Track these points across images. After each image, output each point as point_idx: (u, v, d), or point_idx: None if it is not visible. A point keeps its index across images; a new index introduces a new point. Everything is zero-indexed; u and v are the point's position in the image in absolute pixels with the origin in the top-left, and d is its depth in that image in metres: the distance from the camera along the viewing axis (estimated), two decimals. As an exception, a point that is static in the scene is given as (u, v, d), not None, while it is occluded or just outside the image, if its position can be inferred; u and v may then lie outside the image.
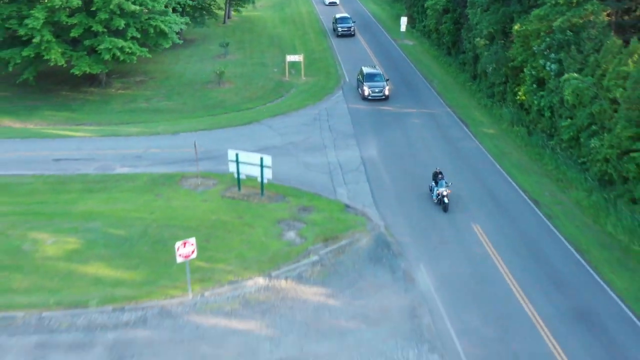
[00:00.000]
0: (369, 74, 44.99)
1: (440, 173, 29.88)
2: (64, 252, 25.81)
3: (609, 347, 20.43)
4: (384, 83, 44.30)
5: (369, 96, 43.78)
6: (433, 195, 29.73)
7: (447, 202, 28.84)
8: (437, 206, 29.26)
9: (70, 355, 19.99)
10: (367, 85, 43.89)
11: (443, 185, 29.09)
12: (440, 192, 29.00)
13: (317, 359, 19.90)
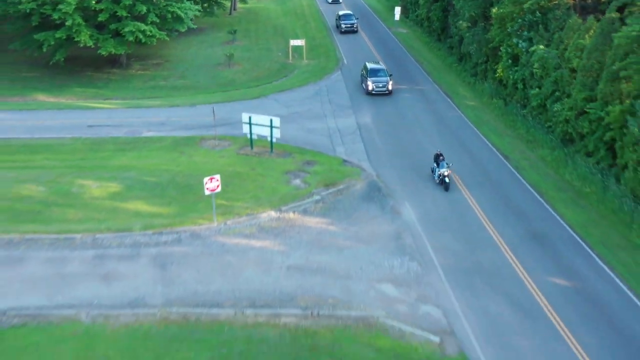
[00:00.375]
0: (372, 70, 45.68)
1: (441, 155, 31.56)
2: (107, 194, 30.58)
3: (555, 258, 25.23)
4: (387, 78, 44.89)
5: (373, 91, 44.52)
6: (435, 176, 31.39)
7: (448, 182, 30.51)
8: (439, 186, 31.07)
9: (122, 263, 24.77)
10: (371, 81, 44.57)
11: (444, 167, 30.71)
12: (441, 172, 30.61)
13: (319, 266, 24.67)
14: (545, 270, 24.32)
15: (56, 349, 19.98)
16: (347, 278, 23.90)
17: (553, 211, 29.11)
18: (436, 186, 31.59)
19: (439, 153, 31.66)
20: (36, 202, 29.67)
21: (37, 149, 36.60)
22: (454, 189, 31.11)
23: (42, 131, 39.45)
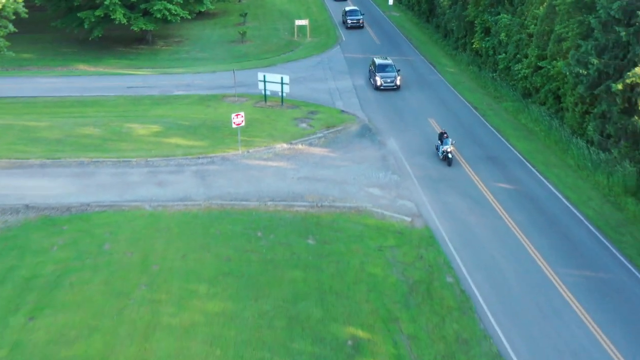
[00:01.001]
0: (380, 65, 45.64)
1: (445, 133, 33.16)
2: (151, 132, 37.73)
3: (504, 172, 32.32)
4: (395, 73, 44.86)
5: (382, 86, 44.56)
6: (439, 153, 33.07)
7: (451, 158, 32.38)
8: (442, 162, 33.09)
9: (171, 176, 31.93)
10: (380, 76, 44.63)
11: (448, 144, 32.37)
12: (445, 149, 32.31)
13: (322, 177, 31.82)
14: (495, 179, 31.47)
15: (130, 223, 27.16)
16: (344, 184, 31.07)
17: (508, 143, 36.26)
18: (417, 126, 38.70)
19: (443, 131, 33.46)
20: (95, 138, 36.83)
21: (87, 104, 43.73)
22: (431, 129, 38.21)
23: (89, 91, 46.56)
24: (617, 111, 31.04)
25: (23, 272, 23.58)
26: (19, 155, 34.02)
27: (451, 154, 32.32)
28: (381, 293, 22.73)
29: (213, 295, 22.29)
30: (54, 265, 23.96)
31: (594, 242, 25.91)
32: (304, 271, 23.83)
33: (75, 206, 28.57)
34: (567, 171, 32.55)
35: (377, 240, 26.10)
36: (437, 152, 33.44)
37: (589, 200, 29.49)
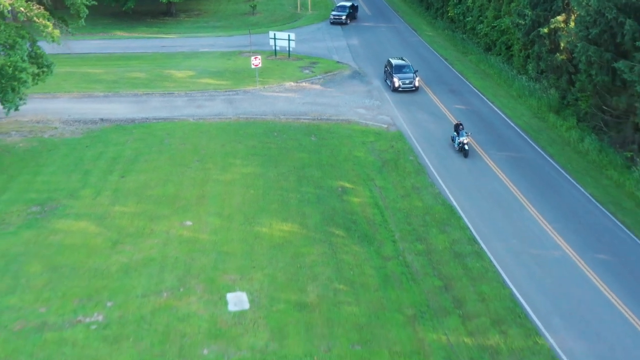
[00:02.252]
0: (397, 66, 43.13)
1: (460, 124, 32.42)
2: (187, 76, 46.87)
3: (461, 99, 41.47)
4: (413, 74, 42.44)
5: (400, 88, 41.96)
6: (455, 144, 32.38)
7: (467, 149, 31.61)
8: (458, 153, 32.50)
9: (206, 102, 41.09)
10: (397, 77, 42.06)
11: (464, 135, 31.64)
12: (461, 140, 31.58)
13: (322, 102, 40.97)
14: (453, 103, 40.68)
15: (181, 128, 36.36)
16: (338, 107, 40.31)
17: (467, 82, 45.43)
18: (396, 71, 47.75)
19: (459, 123, 32.63)
20: (143, 80, 45.99)
21: (131, 58, 52.79)
22: (407, 72, 47.30)
23: (130, 49, 55.64)
24: (545, 51, 40.14)
25: (110, 154, 32.86)
26: (86, 90, 43.24)
27: (467, 145, 31.58)
28: (362, 166, 32.03)
29: (245, 165, 31.60)
30: (131, 151, 33.25)
31: (520, 139, 35.15)
32: (308, 154, 33.12)
33: (138, 119, 37.85)
34: (509, 99, 41.74)
35: (361, 138, 35.39)
36: (453, 143, 32.78)
37: (521, 116, 38.71)
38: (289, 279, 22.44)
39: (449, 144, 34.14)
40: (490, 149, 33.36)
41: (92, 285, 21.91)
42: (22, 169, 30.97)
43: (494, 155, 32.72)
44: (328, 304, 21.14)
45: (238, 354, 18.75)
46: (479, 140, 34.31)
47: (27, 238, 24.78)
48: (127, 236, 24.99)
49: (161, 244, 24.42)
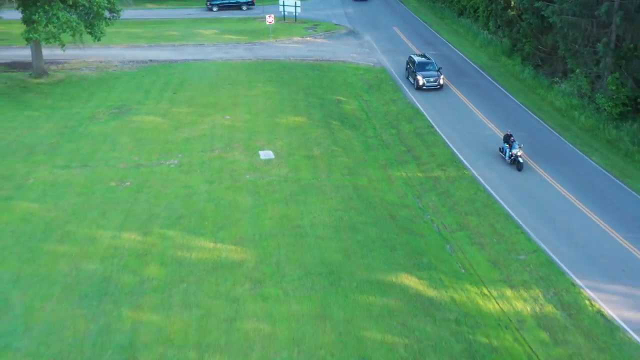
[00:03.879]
0: (420, 63, 41.06)
1: (511, 135, 29.84)
2: (212, 33, 56.21)
3: (432, 47, 50.88)
4: (437, 72, 40.40)
5: (424, 86, 40.00)
6: (506, 157, 29.65)
7: (522, 162, 28.94)
8: (510, 165, 29.49)
9: (229, 49, 50.48)
10: (421, 75, 40.08)
11: (516, 147, 29.12)
12: (514, 153, 29.05)
13: (323, 50, 50.40)
14: (427, 50, 50.03)
15: (213, 66, 45.76)
16: (335, 53, 49.73)
17: (441, 37, 54.77)
18: (385, 30, 57.24)
19: (509, 134, 30.02)
20: (177, 36, 55.38)
21: (163, 23, 62.13)
22: (393, 32, 56.77)
23: (162, 16, 65.04)
24: (500, 9, 49.53)
25: (162, 81, 42.31)
26: (133, 42, 52.66)
27: (521, 157, 29.08)
28: (354, 88, 41.50)
29: (265, 86, 41.05)
30: (177, 79, 42.68)
31: (476, 73, 44.52)
32: (312, 80, 42.60)
33: (179, 60, 47.31)
34: (472, 48, 51.14)
35: (354, 71, 44.85)
36: (503, 154, 30.16)
37: (480, 59, 48.09)
38: (300, 144, 31.98)
39: (420, 75, 43.50)
40: (454, 79, 42.68)
41: (165, 147, 31.48)
42: (98, 89, 40.47)
43: (456, 82, 42.08)
44: (327, 157, 30.69)
45: (269, 178, 28.30)
46: (446, 74, 43.73)
47: (114, 125, 34.33)
48: (184, 124, 34.52)
49: (209, 128, 33.96)
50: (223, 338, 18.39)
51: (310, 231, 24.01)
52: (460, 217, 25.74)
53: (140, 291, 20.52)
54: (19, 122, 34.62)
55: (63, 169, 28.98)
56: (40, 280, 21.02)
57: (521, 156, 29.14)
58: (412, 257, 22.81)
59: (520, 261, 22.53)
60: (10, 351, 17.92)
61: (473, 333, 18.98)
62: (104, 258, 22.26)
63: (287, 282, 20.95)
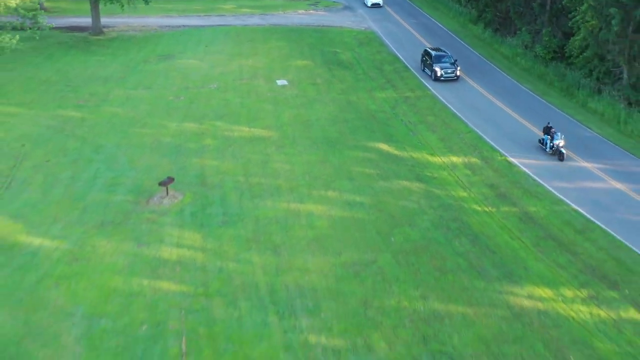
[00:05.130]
0: (437, 56, 42.17)
1: (552, 127, 30.08)
2: (231, 7, 65.98)
3: (416, 19, 60.68)
4: (453, 64, 41.50)
5: (442, 77, 41.05)
6: (547, 148, 29.91)
7: (564, 152, 29.31)
8: (553, 156, 29.68)
9: (247, 19, 60.26)
10: (439, 67, 41.12)
11: (558, 138, 29.41)
12: (556, 144, 29.37)
13: (323, 19, 60.17)
14: (410, 20, 59.75)
15: (234, 30, 55.52)
16: (333, 21, 59.50)
17: (422, 11, 64.45)
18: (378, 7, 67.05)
19: (550, 125, 30.39)
20: (201, 9, 65.05)
21: (188, 0, 71.88)
22: (384, 10, 66.55)
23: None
24: (470, -15, 59.32)
25: (195, 39, 52.02)
26: (165, 14, 62.40)
27: (563, 148, 29.58)
28: (348, 44, 51.26)
29: (277, 42, 50.78)
30: (208, 38, 52.38)
31: (447, 35, 54.16)
32: (315, 39, 52.34)
33: (206, 26, 57.03)
34: (446, 19, 60.82)
35: (348, 34, 54.59)
36: (543, 146, 30.42)
37: (451, 25, 57.77)
38: (306, 77, 41.79)
39: (402, 33, 53.35)
40: (429, 39, 52.32)
41: (206, 78, 41.26)
42: (146, 43, 50.24)
43: (430, 41, 51.75)
44: (327, 84, 40.51)
45: (284, 95, 38.08)
46: (422, 34, 53.47)
47: (164, 65, 44.11)
48: (218, 65, 44.27)
49: (237, 67, 43.76)
50: (260, 171, 28.24)
51: (315, 122, 33.86)
52: (422, 117, 35.56)
53: (201, 151, 30.34)
54: (91, 63, 44.43)
55: (132, 90, 38.85)
56: (134, 146, 30.85)
57: (563, 147, 29.50)
58: (386, 136, 32.65)
59: (460, 138, 32.38)
60: (124, 177, 27.72)
61: (422, 171, 28.84)
62: (174, 135, 32.10)
63: (300, 146, 30.81)
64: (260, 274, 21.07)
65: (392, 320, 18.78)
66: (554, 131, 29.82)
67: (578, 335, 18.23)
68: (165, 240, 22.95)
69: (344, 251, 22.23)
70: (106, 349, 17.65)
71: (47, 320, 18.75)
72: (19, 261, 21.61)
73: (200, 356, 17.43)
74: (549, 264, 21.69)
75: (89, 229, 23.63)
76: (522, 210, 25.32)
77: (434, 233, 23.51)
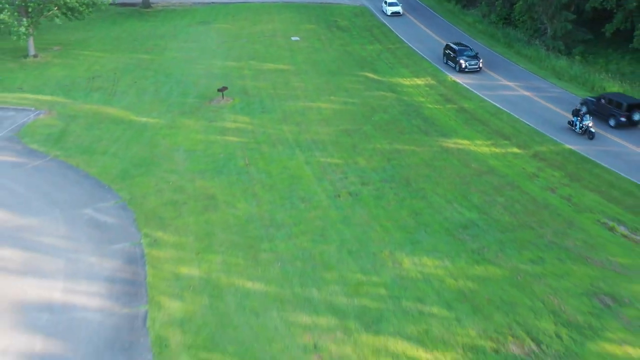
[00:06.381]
0: (460, 50, 44.54)
1: (580, 110, 32.40)
2: (249, -9, 77.92)
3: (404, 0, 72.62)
4: (477, 58, 43.92)
5: (466, 68, 43.54)
6: (577, 129, 31.90)
7: (594, 131, 31.37)
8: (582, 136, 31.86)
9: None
10: (463, 59, 43.56)
11: (588, 119, 31.45)
12: (585, 124, 31.49)
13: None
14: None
15: (251, 6, 67.43)
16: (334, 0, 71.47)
17: (407, -7, 76.52)
18: (368, -11, 78.95)
19: (579, 107, 32.75)
20: (224, -8, 76.97)
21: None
22: (374, -11, 78.46)
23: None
24: (445, -30, 71.17)
25: (223, 12, 63.96)
26: (196, -5, 74.27)
27: (592, 127, 31.76)
28: (345, 15, 63.16)
29: (290, 14, 62.74)
30: (233, 11, 64.30)
31: (424, 8, 66.05)
32: (319, 11, 64.24)
33: (231, 3, 68.87)
34: None
35: (345, 8, 66.43)
36: (573, 127, 32.47)
37: (429, 2, 69.64)
38: (314, 35, 53.79)
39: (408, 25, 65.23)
40: (411, 12, 64.22)
41: (236, 36, 53.23)
42: (186, 14, 62.22)
43: (412, 14, 63.62)
44: (329, 40, 52.51)
45: (298, 46, 50.05)
46: (405, 9, 65.36)
47: (203, 28, 56.12)
48: (244, 28, 56.24)
49: (260, 29, 55.76)
50: (283, 87, 40.28)
51: (321, 62, 45.92)
52: (399, 60, 47.51)
53: (242, 77, 42.35)
54: (147, 27, 56.45)
55: (184, 43, 50.91)
56: (193, 74, 42.86)
57: (592, 126, 31.75)
58: (372, 70, 44.63)
59: (425, 71, 44.33)
60: (191, 90, 39.72)
61: (395, 87, 40.79)
62: (221, 69, 44.14)
63: (310, 74, 42.87)
64: (289, 134, 33.06)
65: (370, 152, 30.75)
66: (582, 113, 32.15)
67: (479, 158, 30.20)
68: (226, 119, 34.99)
69: (341, 124, 34.23)
70: (201, 162, 29.65)
71: (163, 151, 30.78)
72: (136, 127, 33.69)
73: (257, 165, 29.43)
74: (470, 130, 33.66)
75: (175, 115, 35.66)
76: (459, 106, 37.29)
77: (400, 116, 35.50)
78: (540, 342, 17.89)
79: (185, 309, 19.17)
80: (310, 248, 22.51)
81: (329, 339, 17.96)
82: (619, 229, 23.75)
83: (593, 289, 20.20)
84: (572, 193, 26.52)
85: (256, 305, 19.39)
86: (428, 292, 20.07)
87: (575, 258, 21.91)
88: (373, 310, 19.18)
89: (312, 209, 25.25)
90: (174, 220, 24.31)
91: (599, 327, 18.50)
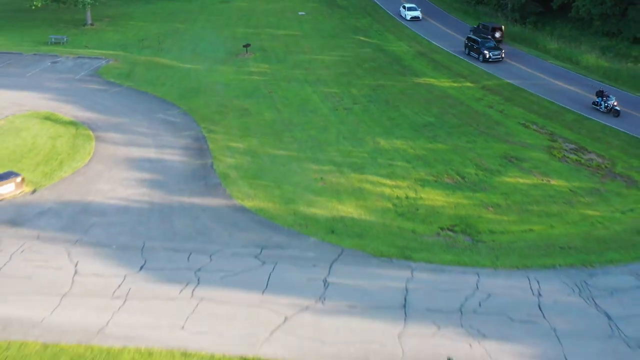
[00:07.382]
0: (482, 42, 46.18)
1: (604, 91, 35.16)
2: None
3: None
4: (499, 46, 46.27)
5: (489, 59, 45.20)
6: (602, 108, 34.85)
7: (619, 109, 34.23)
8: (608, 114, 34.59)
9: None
10: (487, 50, 45.22)
11: (612, 99, 34.57)
12: (611, 104, 34.39)
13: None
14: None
15: None
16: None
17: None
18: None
19: (602, 90, 35.65)
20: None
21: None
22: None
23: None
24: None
25: (239, -6, 73.94)
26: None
27: (617, 106, 34.13)
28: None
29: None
30: None
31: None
32: (322, -5, 74.22)
33: (245, -12, 78.73)
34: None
35: (344, -8, 76.34)
36: (598, 107, 35.09)
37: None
38: (317, 11, 63.66)
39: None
40: None
41: (250, 12, 63.11)
42: (208, -4, 72.18)
43: None
44: (330, 15, 62.35)
45: (304, 18, 59.95)
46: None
47: (224, 6, 66.00)
48: (258, 6, 66.07)
49: (271, 7, 65.59)
50: (294, 46, 50.18)
51: (323, 29, 55.89)
52: (387, 29, 57.30)
53: (259, 39, 52.19)
54: (177, 6, 66.30)
55: (209, 16, 60.84)
56: (221, 38, 52.73)
57: (617, 105, 34.50)
58: (364, 35, 54.48)
59: (407, 36, 54.17)
60: (221, 48, 49.71)
61: (382, 47, 50.58)
62: (242, 33, 54.04)
63: (315, 38, 52.83)
64: (299, 75, 42.90)
65: (360, 86, 40.60)
66: (607, 94, 35.12)
67: (441, 90, 40.02)
68: (250, 66, 44.89)
69: (339, 69, 44.10)
70: (235, 90, 39.51)
71: (206, 84, 40.65)
72: (183, 71, 43.61)
73: (277, 93, 39.30)
74: (438, 73, 43.51)
75: (211, 63, 45.54)
76: (430, 58, 47.12)
77: (384, 65, 45.37)
78: (464, 177, 27.81)
79: (236, 162, 29.08)
80: (317, 135, 32.41)
81: (330, 176, 27.84)
82: (531, 126, 33.72)
83: (505, 154, 30.14)
84: (504, 108, 36.46)
85: (282, 161, 29.31)
86: (395, 156, 29.99)
87: (497, 140, 31.86)
88: (358, 163, 29.10)
89: (318, 117, 35.15)
90: (222, 120, 34.22)
91: (504, 171, 28.45)
